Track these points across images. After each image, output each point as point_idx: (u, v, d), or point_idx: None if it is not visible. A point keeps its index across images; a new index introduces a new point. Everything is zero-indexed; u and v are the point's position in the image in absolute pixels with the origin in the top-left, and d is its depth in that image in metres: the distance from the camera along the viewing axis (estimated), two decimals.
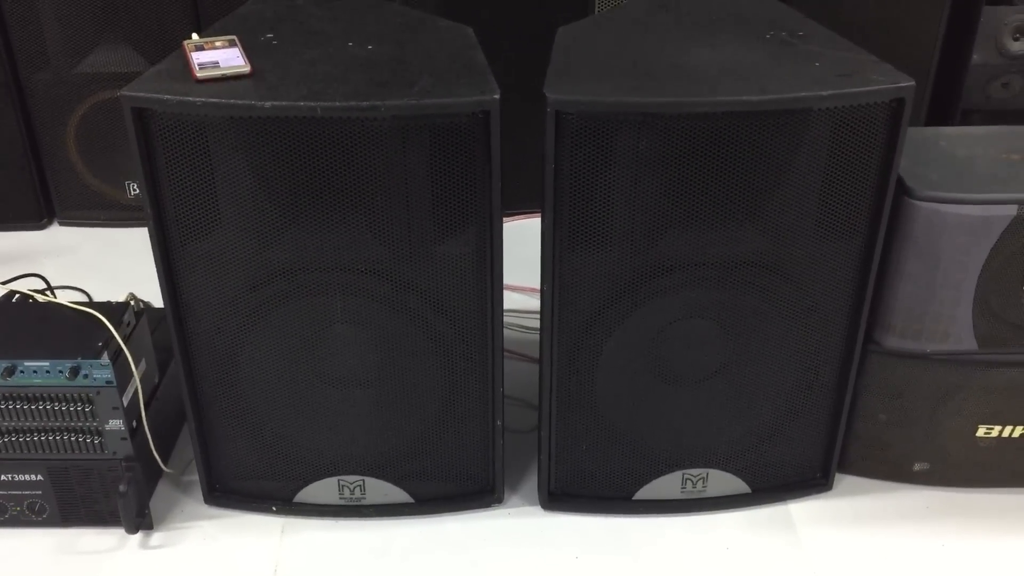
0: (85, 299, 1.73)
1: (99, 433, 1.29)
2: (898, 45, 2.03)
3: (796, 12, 1.43)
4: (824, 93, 1.11)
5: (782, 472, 1.41)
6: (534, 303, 1.79)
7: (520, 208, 2.08)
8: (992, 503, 1.42)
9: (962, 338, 1.31)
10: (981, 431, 1.39)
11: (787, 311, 1.26)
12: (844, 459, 1.43)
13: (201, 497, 1.40)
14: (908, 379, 1.35)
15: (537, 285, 1.25)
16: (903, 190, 1.23)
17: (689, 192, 1.16)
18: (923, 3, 2.05)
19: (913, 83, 1.13)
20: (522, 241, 1.49)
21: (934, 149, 1.35)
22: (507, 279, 1.23)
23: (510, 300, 1.25)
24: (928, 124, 2.15)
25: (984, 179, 1.26)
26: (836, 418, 1.37)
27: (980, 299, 1.27)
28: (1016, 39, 2.09)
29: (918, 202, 1.23)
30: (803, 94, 1.11)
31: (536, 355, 1.33)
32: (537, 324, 1.30)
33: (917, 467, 1.43)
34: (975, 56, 2.11)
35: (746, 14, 1.41)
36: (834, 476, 1.43)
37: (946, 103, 2.17)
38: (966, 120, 2.16)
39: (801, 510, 1.41)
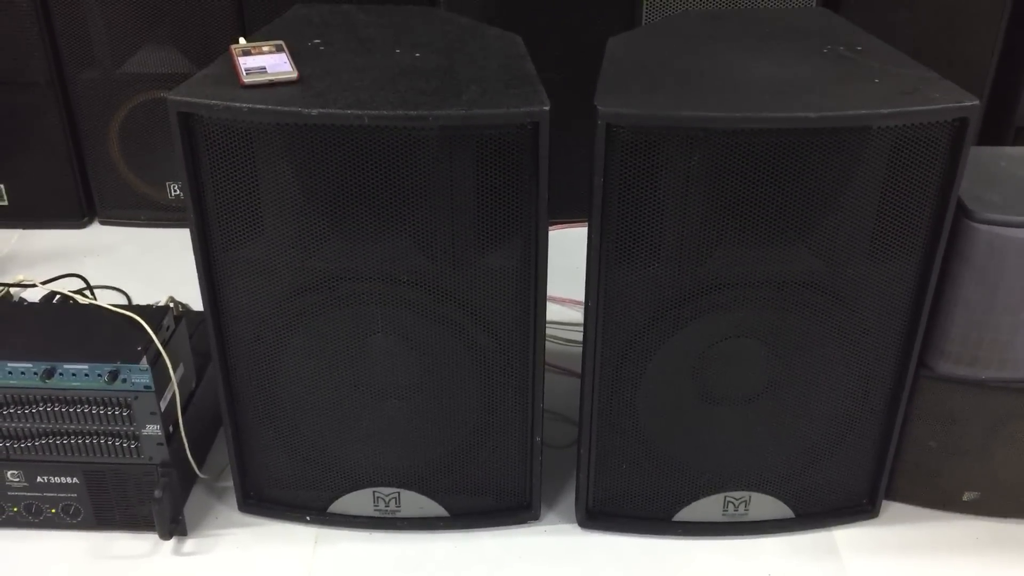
0: (124, 300, 1.74)
1: (136, 438, 1.29)
2: (952, 61, 1.98)
3: (853, 25, 1.40)
4: (884, 111, 1.07)
5: (827, 497, 1.37)
6: (574, 315, 1.77)
7: (561, 217, 2.06)
8: None
9: (1019, 365, 1.26)
10: None
11: (838, 334, 1.22)
12: (891, 486, 1.39)
13: (235, 504, 1.39)
14: (961, 406, 1.31)
15: (578, 296, 1.23)
16: (963, 212, 1.19)
17: (741, 209, 1.13)
18: (979, 18, 2.00)
19: (977, 102, 1.09)
20: (564, 251, 1.46)
21: (995, 169, 1.31)
22: (548, 290, 1.21)
23: (550, 311, 1.23)
24: (981, 143, 2.10)
25: None
26: (885, 444, 1.33)
27: None
28: None
29: (978, 224, 1.19)
30: (862, 112, 1.08)
31: (576, 369, 1.31)
32: (578, 337, 1.28)
33: (967, 496, 1.39)
34: None
35: (801, 26, 1.38)
36: (881, 503, 1.39)
37: (1000, 121, 2.11)
38: (1021, 139, 2.11)
39: (846, 537, 1.37)
